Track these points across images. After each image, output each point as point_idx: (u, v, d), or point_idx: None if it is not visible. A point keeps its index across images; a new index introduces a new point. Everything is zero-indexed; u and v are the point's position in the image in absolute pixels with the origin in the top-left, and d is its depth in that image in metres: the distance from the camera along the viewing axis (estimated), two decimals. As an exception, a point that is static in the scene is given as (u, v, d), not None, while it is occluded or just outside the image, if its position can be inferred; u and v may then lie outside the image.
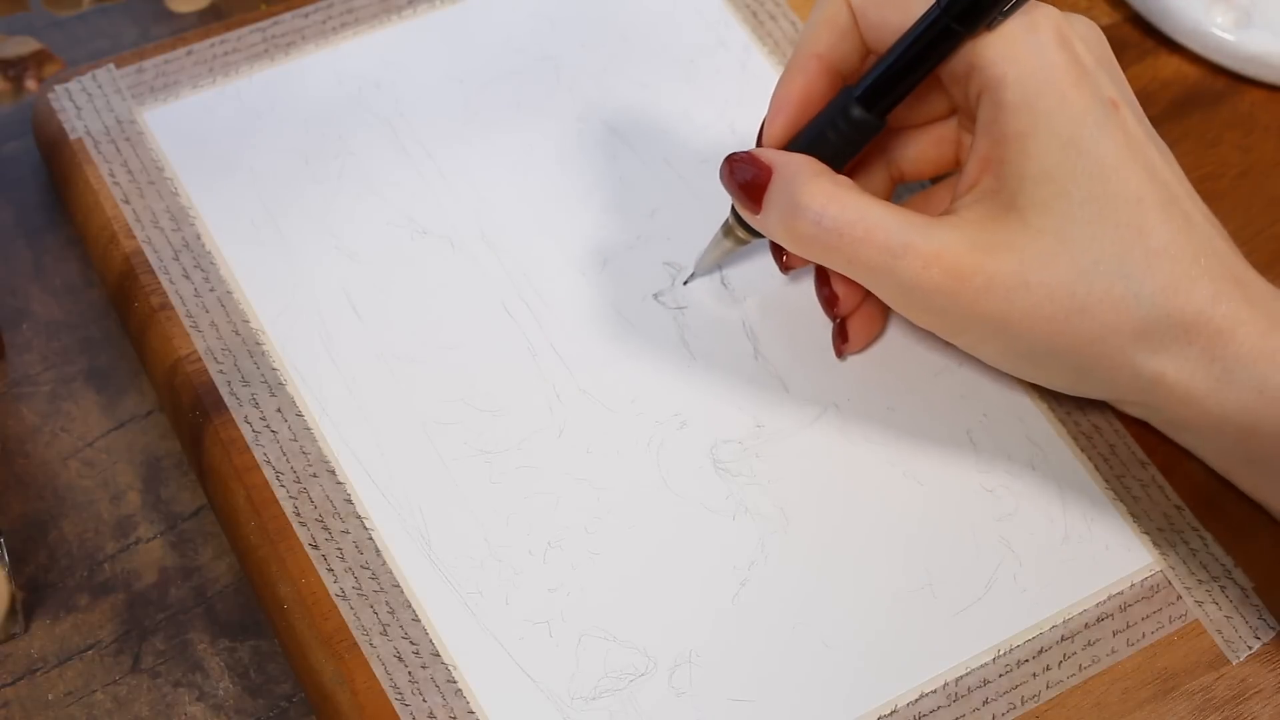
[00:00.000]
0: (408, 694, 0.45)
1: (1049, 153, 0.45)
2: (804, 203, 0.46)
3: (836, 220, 0.46)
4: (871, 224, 0.45)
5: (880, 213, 0.46)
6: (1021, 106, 0.45)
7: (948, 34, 0.46)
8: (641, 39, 0.58)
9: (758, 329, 0.52)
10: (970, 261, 0.45)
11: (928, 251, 0.45)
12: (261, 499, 0.47)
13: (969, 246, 0.45)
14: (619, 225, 0.54)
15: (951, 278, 0.45)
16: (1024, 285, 0.45)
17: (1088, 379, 0.47)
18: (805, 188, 0.46)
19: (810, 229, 0.46)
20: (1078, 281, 0.44)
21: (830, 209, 0.46)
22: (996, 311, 0.45)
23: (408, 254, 0.53)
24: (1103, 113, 0.45)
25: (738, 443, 0.50)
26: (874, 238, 0.45)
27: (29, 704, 0.46)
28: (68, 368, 0.52)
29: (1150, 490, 0.51)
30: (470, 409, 0.50)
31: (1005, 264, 0.45)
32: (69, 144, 0.54)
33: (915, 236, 0.45)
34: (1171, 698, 0.47)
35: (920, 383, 0.52)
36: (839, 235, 0.46)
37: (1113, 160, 0.45)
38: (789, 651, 0.47)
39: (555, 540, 0.48)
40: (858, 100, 0.47)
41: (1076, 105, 0.45)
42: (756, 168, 0.48)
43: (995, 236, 0.45)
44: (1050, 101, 0.45)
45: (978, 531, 0.49)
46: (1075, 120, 0.45)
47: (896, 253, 0.45)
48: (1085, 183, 0.44)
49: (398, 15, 0.58)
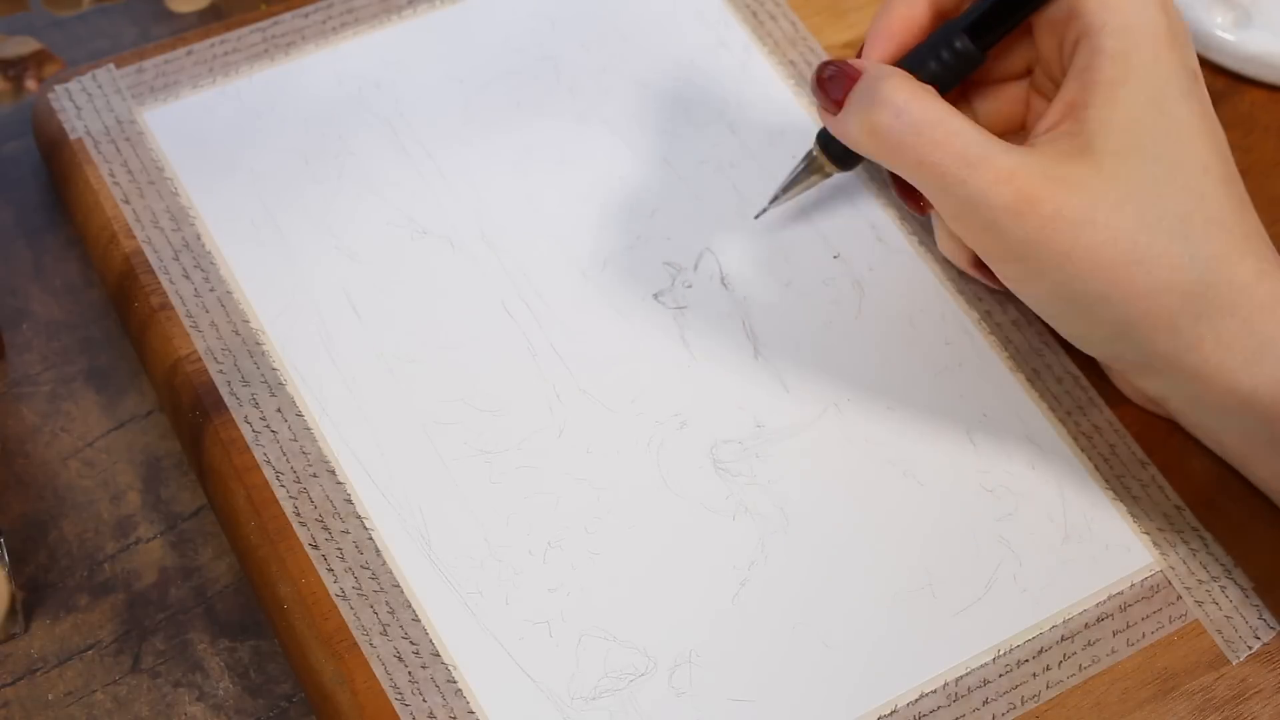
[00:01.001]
0: (408, 694, 0.45)
1: (1136, 105, 0.46)
2: (886, 96, 0.46)
3: (917, 118, 0.46)
4: (952, 130, 0.46)
5: (961, 122, 0.46)
6: (1118, 55, 0.46)
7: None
8: (641, 39, 0.58)
9: (758, 329, 0.52)
10: (1044, 188, 0.45)
11: (1003, 168, 0.45)
12: (261, 499, 0.47)
13: (1044, 174, 0.45)
14: (619, 225, 0.54)
15: (1022, 199, 0.45)
16: (1091, 223, 0.45)
17: (1126, 336, 0.47)
18: (889, 84, 0.46)
19: (889, 122, 0.46)
20: (1140, 232, 0.45)
21: (913, 105, 0.46)
22: (1060, 244, 0.45)
23: (408, 254, 0.53)
24: (1188, 80, 0.46)
25: (738, 443, 0.50)
26: (952, 143, 0.46)
27: (29, 704, 0.46)
28: (68, 368, 0.52)
29: (1150, 490, 0.51)
30: (470, 409, 0.50)
31: (1077, 199, 0.45)
32: (69, 144, 0.54)
33: (994, 152, 0.45)
34: (1171, 698, 0.47)
35: (920, 383, 0.52)
36: (917, 134, 0.46)
37: (1190, 127, 0.46)
38: (789, 651, 0.47)
39: (555, 540, 0.48)
40: (965, 31, 0.48)
41: (1169, 66, 0.46)
42: (844, 70, 0.48)
43: (1071, 170, 0.45)
44: (1146, 56, 0.46)
45: (978, 531, 0.49)
46: (1165, 80, 0.46)
47: (972, 162, 0.45)
48: (1163, 141, 0.45)
49: (398, 15, 0.58)
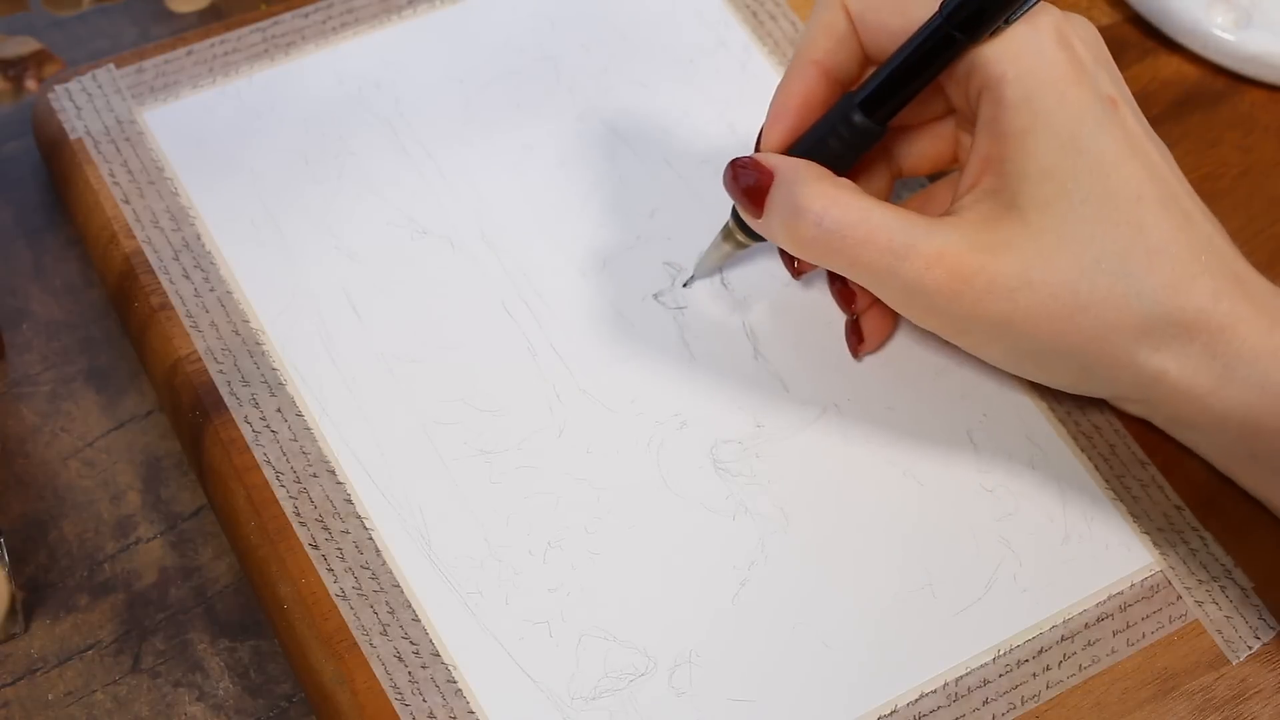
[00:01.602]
0: (408, 694, 0.45)
1: (1049, 150, 0.45)
2: (804, 205, 0.46)
3: (838, 222, 0.46)
4: (873, 226, 0.45)
5: (882, 214, 0.45)
6: (1022, 104, 0.45)
7: (950, 42, 0.46)
8: (641, 39, 0.58)
9: (758, 329, 0.52)
10: (973, 261, 0.45)
11: (930, 252, 0.45)
12: (261, 499, 0.47)
13: (971, 246, 0.45)
14: (619, 225, 0.54)
15: (954, 278, 0.45)
16: (1027, 284, 0.45)
17: (1090, 378, 0.47)
18: (806, 191, 0.46)
19: (812, 231, 0.46)
20: (1080, 280, 0.44)
21: (832, 211, 0.46)
22: (1000, 311, 0.45)
23: (408, 254, 0.53)
24: (1102, 111, 0.45)
25: (738, 443, 0.50)
26: (876, 239, 0.45)
27: (29, 704, 0.46)
28: (68, 368, 0.52)
29: (1150, 490, 0.51)
30: (470, 409, 0.50)
31: (1007, 263, 0.45)
32: (69, 144, 0.54)
33: (917, 237, 0.45)
34: (1171, 698, 0.47)
35: (920, 383, 0.52)
36: (841, 238, 0.46)
37: (1112, 158, 0.45)
38: (789, 651, 0.47)
39: (555, 540, 0.48)
40: (859, 106, 0.47)
41: (1076, 103, 0.45)
42: (758, 172, 0.48)
43: (997, 236, 0.45)
44: (1050, 99, 0.45)
45: (978, 531, 0.49)
46: (1075, 118, 0.45)
47: (899, 254, 0.45)
48: (1085, 180, 0.45)
49: (398, 15, 0.58)
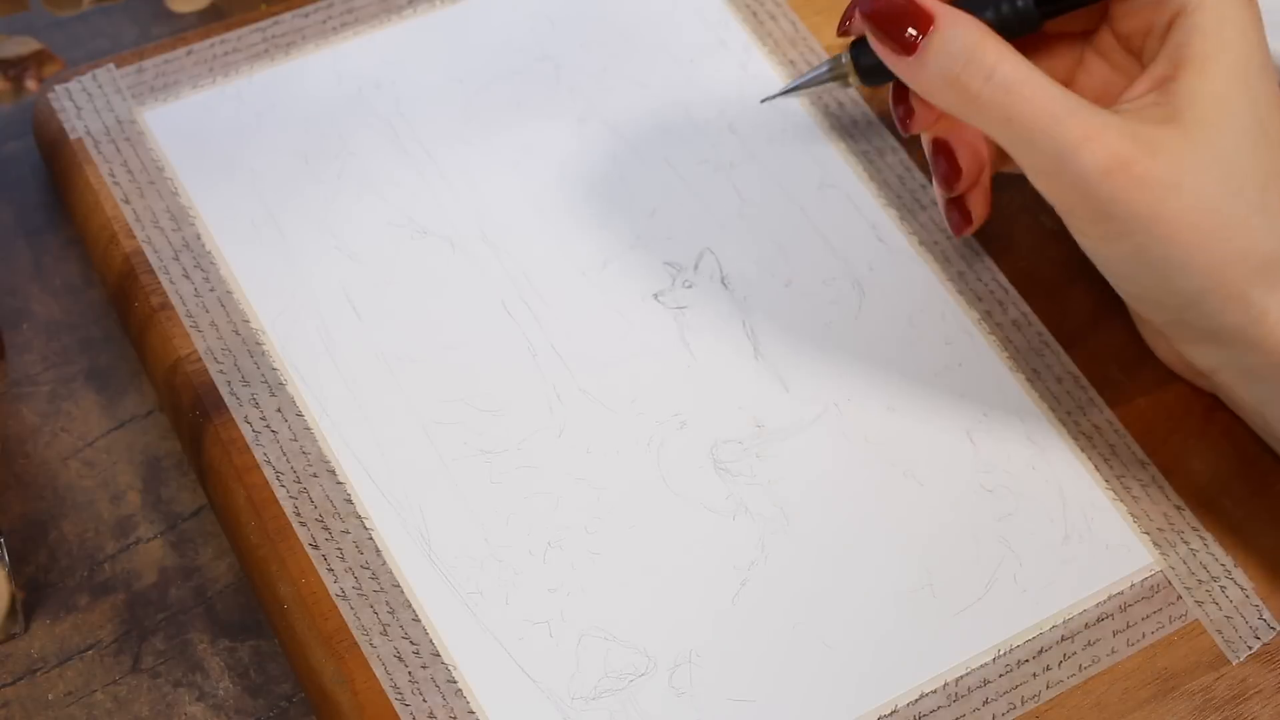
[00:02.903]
0: (408, 694, 0.45)
1: (1225, 78, 0.46)
2: (979, 55, 0.46)
3: (1008, 78, 0.46)
4: (1041, 85, 0.46)
5: (1049, 81, 0.46)
6: (1211, 31, 0.46)
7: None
8: (641, 39, 0.58)
9: (758, 329, 0.52)
10: (1133, 149, 0.45)
11: (1094, 125, 0.45)
12: (261, 499, 0.47)
13: (1134, 136, 0.45)
14: (619, 225, 0.54)
15: (1112, 158, 0.45)
16: (1178, 188, 0.45)
17: (1198, 304, 0.47)
18: (981, 41, 0.46)
19: (979, 85, 0.46)
20: (1224, 200, 0.45)
21: (1003, 67, 0.46)
22: (1147, 207, 0.45)
23: (408, 254, 0.53)
24: (1266, 57, 0.47)
25: (738, 443, 0.50)
26: (1040, 98, 0.45)
27: (29, 704, 0.46)
28: (68, 368, 0.52)
29: (1150, 490, 0.51)
30: (470, 409, 0.50)
31: (1165, 163, 0.45)
32: (69, 144, 0.54)
33: (1083, 108, 0.46)
34: (1171, 698, 0.47)
35: (920, 383, 0.52)
36: (1007, 92, 0.46)
37: (1270, 101, 0.47)
38: (789, 651, 0.47)
39: (555, 540, 0.48)
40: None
41: (1254, 43, 0.47)
42: (914, 9, 0.47)
43: (1160, 135, 0.46)
44: (1236, 32, 0.47)
45: (978, 531, 0.49)
46: (1249, 55, 0.47)
47: (1061, 119, 0.45)
48: (1247, 114, 0.46)
49: (398, 15, 0.58)
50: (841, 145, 0.56)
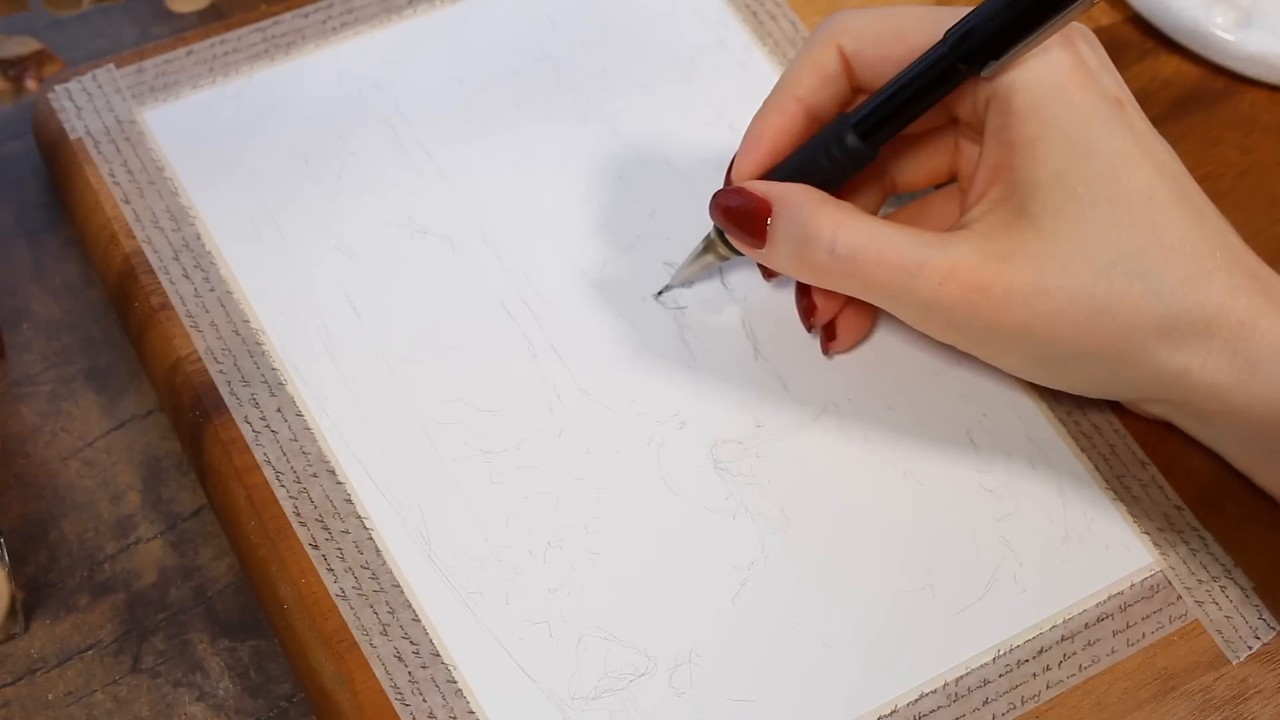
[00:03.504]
0: (408, 694, 0.45)
1: (1059, 155, 0.45)
2: (814, 233, 0.46)
3: (849, 247, 0.46)
4: (883, 245, 0.45)
5: (891, 233, 0.46)
6: (1030, 111, 0.45)
7: (952, 73, 0.46)
8: (641, 39, 0.58)
9: (758, 329, 0.52)
10: (987, 273, 0.45)
11: (943, 267, 0.45)
12: (261, 499, 0.47)
13: (984, 258, 0.45)
14: (619, 225, 0.54)
15: (969, 291, 0.45)
16: (1043, 291, 0.45)
17: (1111, 380, 0.47)
18: (813, 218, 0.46)
19: (824, 259, 0.46)
20: (1096, 282, 0.44)
21: (841, 236, 0.46)
22: (1018, 320, 0.45)
23: (408, 254, 0.53)
24: (1110, 112, 0.45)
25: (738, 443, 0.50)
26: (888, 259, 0.45)
27: (29, 704, 0.46)
28: (68, 368, 0.52)
29: (1150, 490, 0.51)
30: (470, 409, 0.50)
31: (1022, 272, 0.45)
32: (69, 144, 0.54)
33: (929, 253, 0.45)
34: (1171, 698, 0.47)
35: (920, 383, 0.52)
36: (853, 262, 0.46)
37: (1122, 159, 0.45)
38: (789, 651, 0.47)
39: (555, 540, 0.48)
40: (853, 128, 0.47)
41: (1084, 106, 0.45)
42: (752, 202, 0.47)
43: (1009, 245, 0.45)
44: (1059, 104, 0.45)
45: (978, 531, 0.49)
46: (1084, 121, 0.45)
47: (912, 271, 0.45)
48: (1096, 183, 0.45)
49: (398, 15, 0.58)
50: (841, 145, 0.56)
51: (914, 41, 0.47)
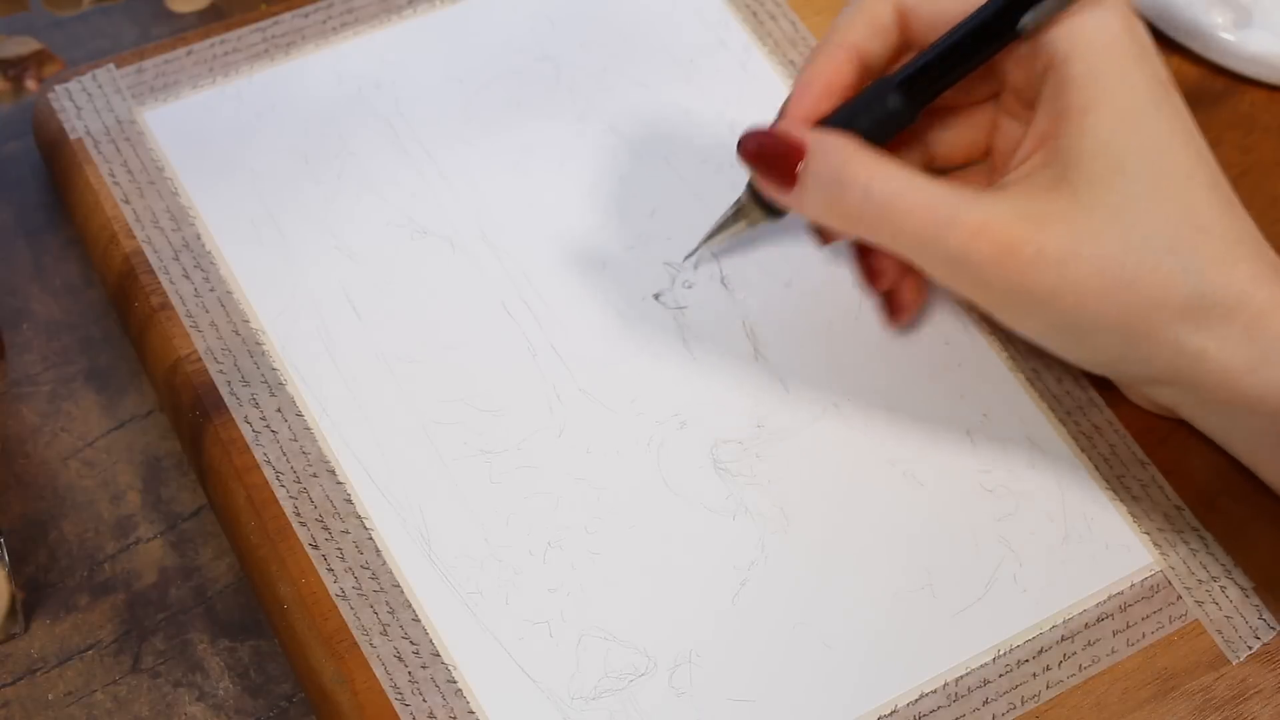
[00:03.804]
0: (408, 694, 0.45)
1: (1107, 127, 0.45)
2: (849, 176, 0.46)
3: (884, 193, 0.45)
4: (918, 195, 0.45)
5: (926, 183, 0.45)
6: (1086, 80, 0.45)
7: (1000, 33, 0.46)
8: (641, 39, 0.58)
9: (758, 329, 0.52)
10: (1019, 232, 0.45)
11: (976, 221, 0.45)
12: (261, 499, 0.47)
13: (1018, 217, 0.45)
14: (619, 225, 0.54)
15: (1000, 248, 0.45)
16: (1074, 257, 0.45)
17: (1128, 356, 0.47)
18: (850, 162, 0.46)
19: (858, 203, 0.46)
20: (1128, 254, 0.45)
21: (876, 182, 0.45)
22: (1045, 283, 0.45)
23: (408, 254, 0.53)
24: (1160, 91, 0.46)
25: (738, 443, 0.50)
26: (921, 209, 0.45)
27: (29, 704, 0.46)
28: (68, 368, 0.52)
29: (1150, 490, 0.51)
30: (470, 409, 0.50)
31: (1055, 235, 0.45)
32: (69, 144, 0.54)
33: (963, 207, 0.45)
34: (1171, 698, 0.47)
35: (920, 383, 0.52)
36: (886, 207, 0.45)
37: (1167, 138, 0.45)
38: (789, 651, 0.47)
39: (555, 540, 0.48)
40: (898, 88, 0.47)
41: (1138, 82, 0.45)
42: (786, 144, 0.47)
43: (1046, 208, 0.45)
44: (1113, 77, 0.45)
45: (978, 531, 0.49)
46: (1136, 96, 0.45)
47: (944, 223, 0.45)
48: (1141, 158, 0.45)
49: (398, 15, 0.58)
50: (841, 145, 0.56)
51: (970, 1, 0.47)
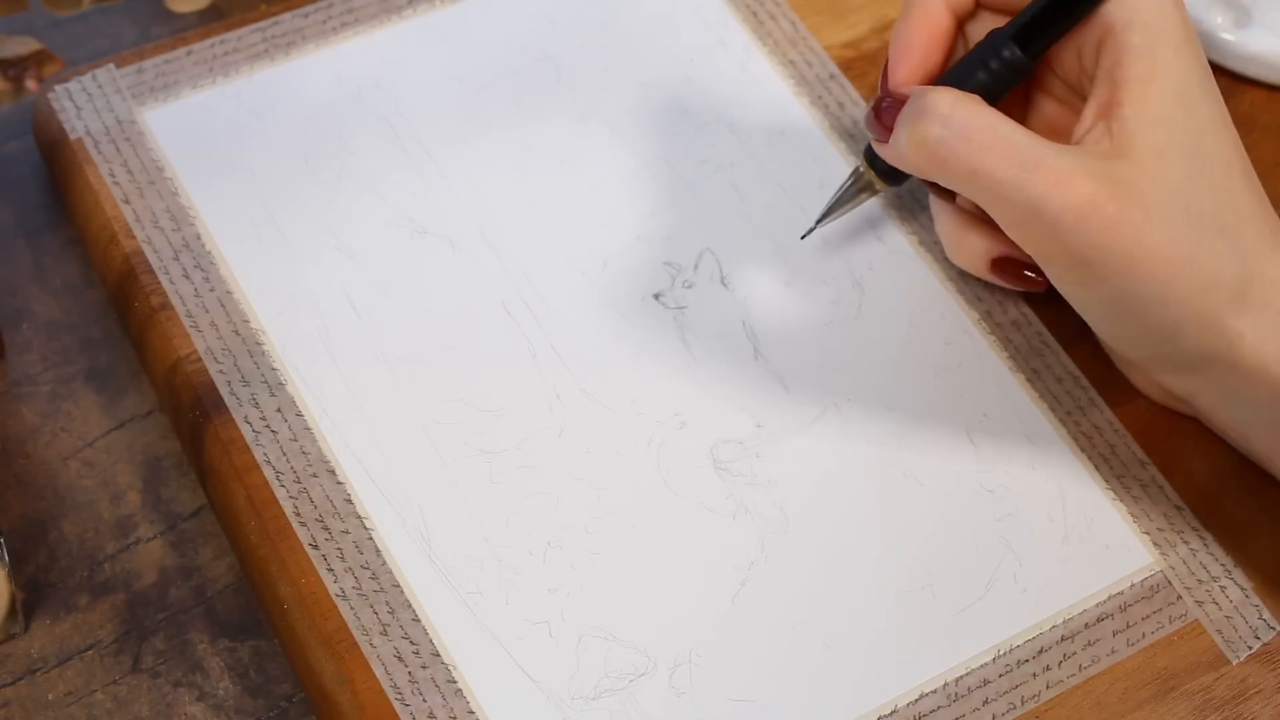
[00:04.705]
0: (408, 694, 0.45)
1: (1166, 100, 0.45)
2: (930, 107, 0.46)
3: (965, 124, 0.45)
4: (1002, 133, 0.45)
5: (1010, 125, 0.45)
6: (1145, 51, 0.46)
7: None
8: (641, 39, 0.58)
9: (758, 329, 0.52)
10: (1102, 191, 0.44)
11: (1061, 169, 0.44)
12: (261, 499, 0.47)
13: (1101, 177, 0.45)
14: (619, 225, 0.54)
15: (1084, 201, 0.44)
16: (1149, 223, 0.44)
17: (1174, 337, 0.47)
18: (933, 94, 0.46)
19: (937, 132, 0.45)
20: (1191, 229, 0.45)
21: (958, 112, 0.45)
22: (1122, 247, 0.45)
23: (408, 254, 0.53)
24: (1205, 75, 0.46)
25: (738, 443, 0.50)
26: (1004, 147, 0.45)
27: (29, 704, 0.46)
28: (68, 368, 0.52)
29: (1150, 490, 0.51)
30: (470, 409, 0.50)
31: (1133, 201, 0.45)
32: (69, 144, 0.54)
33: (1049, 153, 0.45)
34: (1171, 698, 0.47)
35: (920, 383, 0.52)
36: (966, 140, 0.45)
37: (1212, 121, 0.46)
38: (789, 652, 0.47)
39: (555, 540, 0.48)
40: (1012, 39, 0.48)
41: (1191, 61, 0.46)
42: (897, 99, 0.48)
43: (1120, 173, 0.45)
44: (1169, 52, 0.46)
45: (978, 531, 0.49)
46: (1187, 76, 0.46)
47: (1028, 165, 0.44)
48: (1193, 138, 0.45)
49: (398, 15, 0.58)
50: (841, 145, 0.56)
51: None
